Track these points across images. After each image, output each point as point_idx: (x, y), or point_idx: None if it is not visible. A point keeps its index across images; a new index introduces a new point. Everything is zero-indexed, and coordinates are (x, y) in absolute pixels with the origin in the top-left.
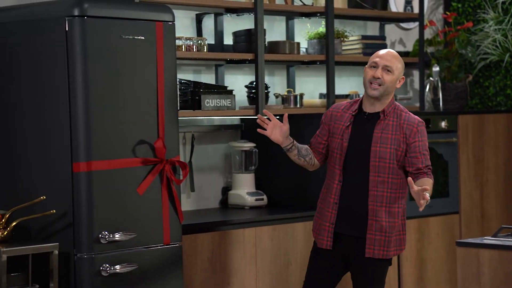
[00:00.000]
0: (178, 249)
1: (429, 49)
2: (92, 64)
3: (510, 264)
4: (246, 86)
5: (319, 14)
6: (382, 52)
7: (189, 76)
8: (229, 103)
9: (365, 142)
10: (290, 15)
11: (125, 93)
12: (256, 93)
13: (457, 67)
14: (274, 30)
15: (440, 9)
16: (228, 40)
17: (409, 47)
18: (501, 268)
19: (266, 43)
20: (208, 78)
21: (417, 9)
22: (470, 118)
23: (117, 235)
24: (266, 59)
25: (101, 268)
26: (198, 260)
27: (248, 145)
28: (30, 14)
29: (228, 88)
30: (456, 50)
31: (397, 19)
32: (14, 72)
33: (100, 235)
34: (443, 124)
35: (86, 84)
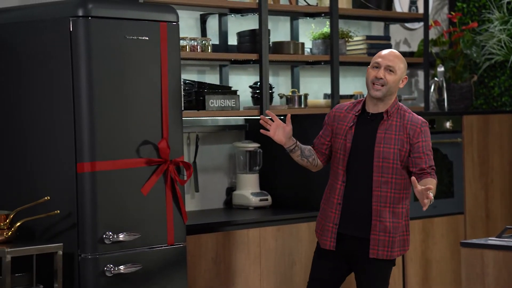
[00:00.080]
0: (182, 250)
1: (434, 49)
2: (96, 65)
3: None
4: (251, 87)
5: (324, 14)
6: (384, 53)
7: (194, 77)
8: (234, 104)
9: (369, 143)
10: (295, 15)
11: (129, 94)
12: (261, 94)
13: (462, 67)
14: (279, 31)
15: (445, 9)
16: (233, 41)
17: (414, 48)
18: (506, 269)
19: (271, 44)
20: (213, 79)
21: (422, 9)
22: (475, 119)
23: (121, 236)
24: (271, 60)
25: (105, 269)
26: (202, 261)
27: (253, 146)
28: (34, 15)
29: (233, 89)
30: (461, 50)
31: (402, 19)
32: (19, 73)
33: (104, 236)
34: (448, 125)
35: (90, 85)
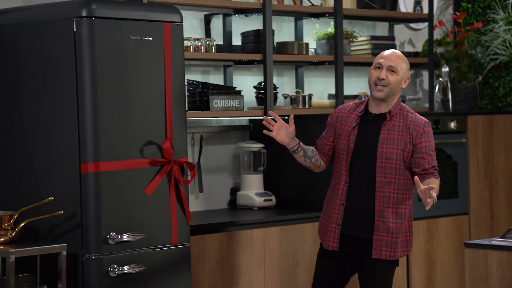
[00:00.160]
0: (186, 250)
1: (439, 50)
2: (100, 65)
3: None
4: (255, 87)
5: (328, 15)
6: (387, 53)
7: (198, 77)
8: (238, 104)
9: (372, 143)
10: (299, 16)
11: (133, 94)
12: (265, 94)
13: (467, 68)
14: (283, 31)
15: (450, 10)
16: (237, 41)
17: (419, 48)
18: (510, 270)
19: (275, 44)
20: (217, 79)
21: (427, 10)
22: (480, 119)
23: (125, 236)
24: (275, 60)
25: (109, 269)
26: (206, 261)
27: (257, 146)
28: (38, 15)
29: (237, 89)
30: (466, 51)
31: (407, 20)
32: (22, 73)
33: (108, 236)
34: (453, 125)
35: (94, 85)
